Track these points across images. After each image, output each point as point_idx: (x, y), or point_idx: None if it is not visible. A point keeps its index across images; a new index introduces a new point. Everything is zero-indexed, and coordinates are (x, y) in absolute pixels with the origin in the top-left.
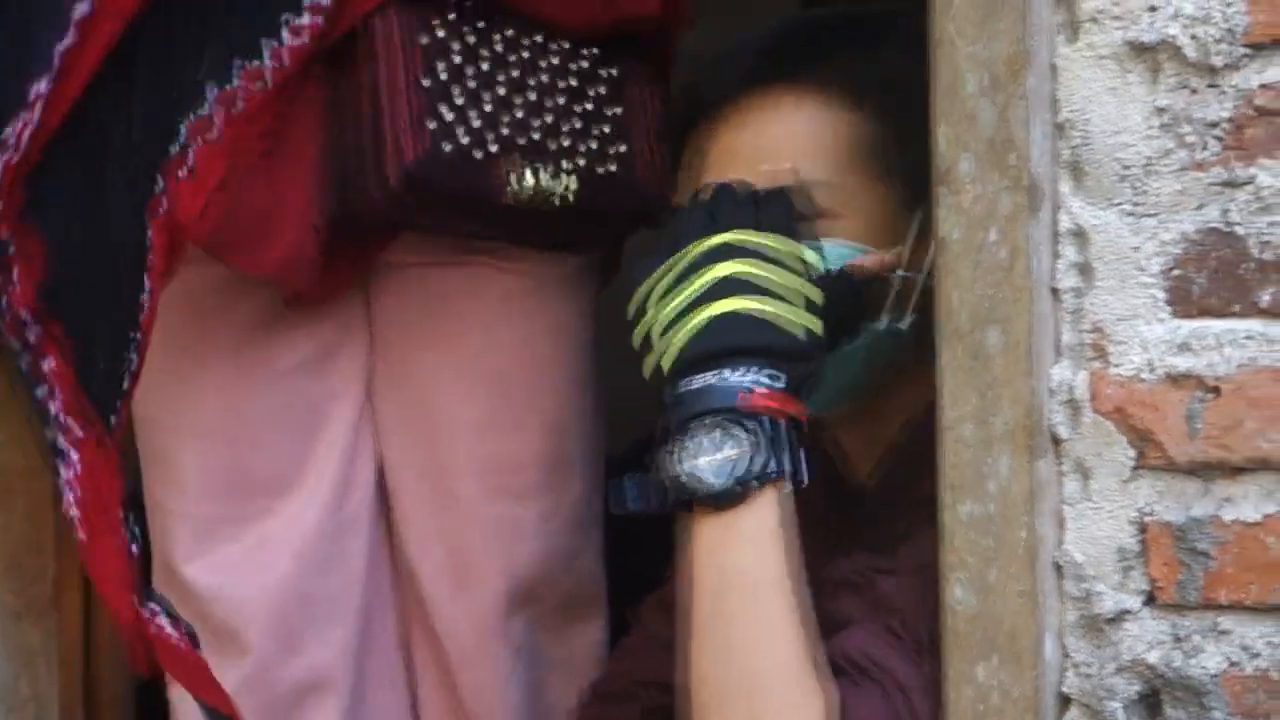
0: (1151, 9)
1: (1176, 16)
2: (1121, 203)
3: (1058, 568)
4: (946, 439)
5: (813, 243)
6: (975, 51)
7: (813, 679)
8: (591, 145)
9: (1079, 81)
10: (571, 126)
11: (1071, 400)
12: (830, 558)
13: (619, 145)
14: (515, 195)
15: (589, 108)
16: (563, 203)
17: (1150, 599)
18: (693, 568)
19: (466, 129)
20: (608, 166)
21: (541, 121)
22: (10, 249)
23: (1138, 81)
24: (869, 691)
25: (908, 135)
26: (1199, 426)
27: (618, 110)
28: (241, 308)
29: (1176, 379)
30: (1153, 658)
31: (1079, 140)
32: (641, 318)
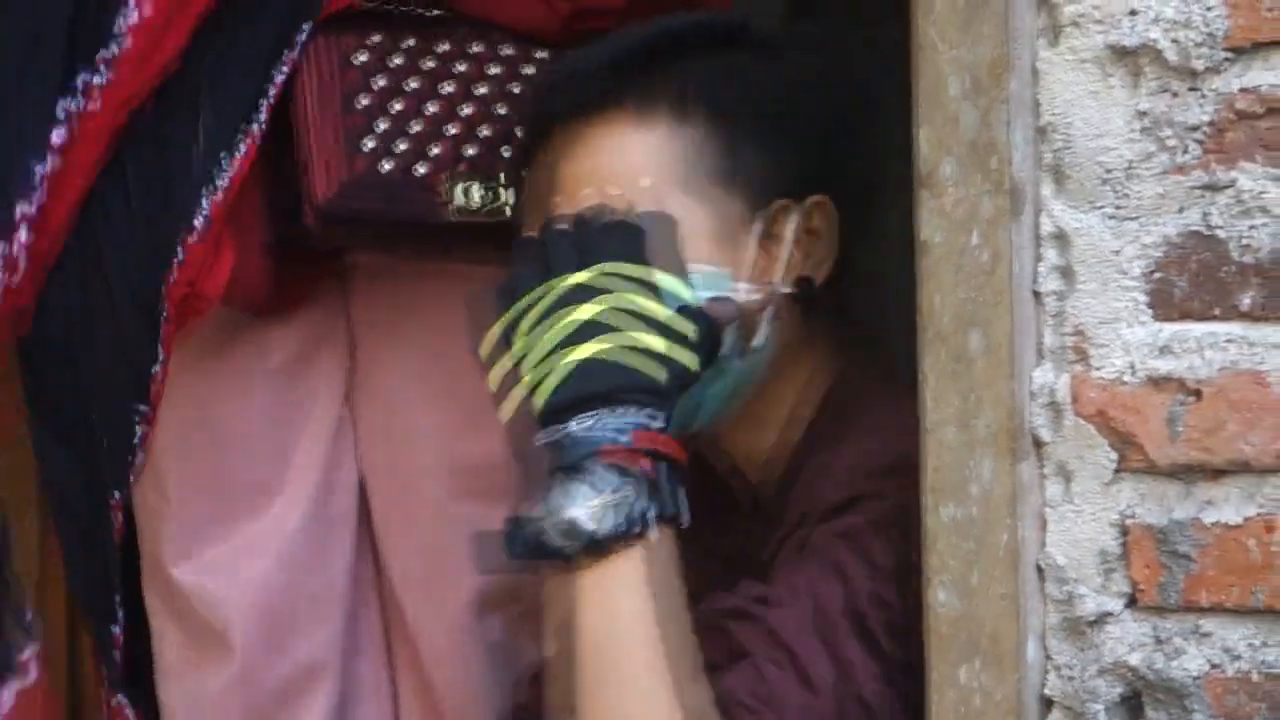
0: (1132, 13)
1: (1157, 20)
2: (1103, 206)
3: (1040, 570)
4: (929, 442)
5: (676, 273)
6: (957, 55)
7: None
8: None
9: (1060, 85)
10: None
11: (1053, 403)
12: (727, 586)
13: None
14: (460, 212)
15: None
16: (515, 213)
17: (1132, 601)
18: (573, 619)
19: (393, 152)
20: None
21: (479, 136)
22: None
23: (1119, 85)
24: None
25: (744, 141)
26: (1180, 429)
27: None
28: (222, 310)
29: (1158, 382)
30: (1134, 660)
31: (1061, 143)
32: (508, 347)
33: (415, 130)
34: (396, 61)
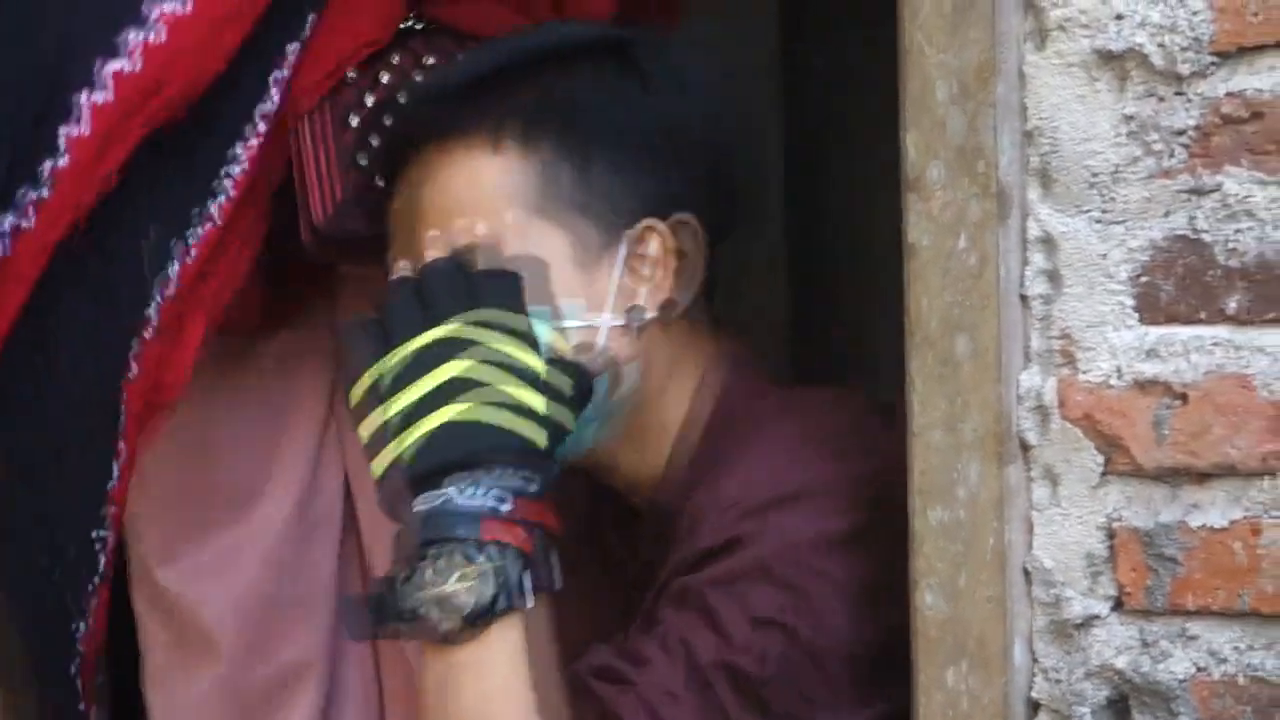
0: (1118, 17)
1: (1143, 25)
2: (1090, 210)
3: (1026, 573)
4: (915, 445)
5: (548, 320)
6: (945, 60)
7: None
8: None
9: (1047, 89)
10: None
11: (1040, 406)
12: (627, 595)
13: None
14: None
15: None
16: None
17: (1118, 604)
18: (444, 689)
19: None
20: None
21: None
22: None
23: (1105, 89)
24: None
25: (597, 164)
26: (1166, 433)
27: None
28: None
29: (1144, 385)
30: (1121, 663)
31: (1047, 148)
32: (378, 398)
33: None
34: (386, 79)
